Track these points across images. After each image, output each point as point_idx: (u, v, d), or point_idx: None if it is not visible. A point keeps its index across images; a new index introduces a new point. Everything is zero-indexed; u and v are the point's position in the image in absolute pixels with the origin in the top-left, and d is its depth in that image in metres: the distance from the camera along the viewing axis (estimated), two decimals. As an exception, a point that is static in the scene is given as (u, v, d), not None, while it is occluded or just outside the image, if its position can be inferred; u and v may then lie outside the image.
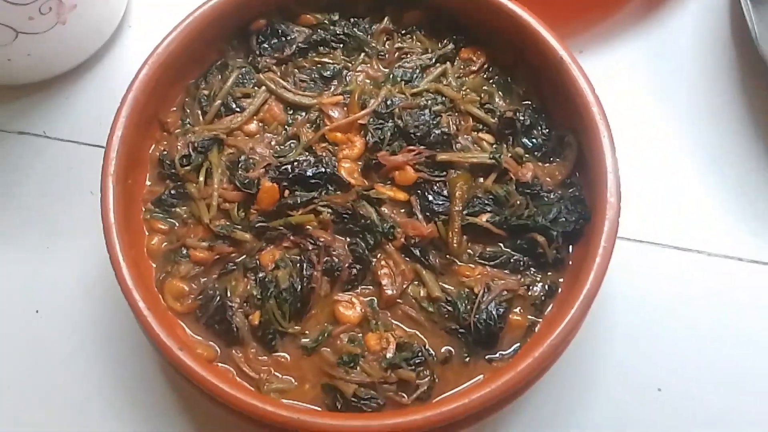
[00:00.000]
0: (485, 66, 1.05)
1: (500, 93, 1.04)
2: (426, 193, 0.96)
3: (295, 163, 0.96)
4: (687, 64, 1.19)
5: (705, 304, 1.06)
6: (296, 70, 1.05)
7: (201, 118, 1.03)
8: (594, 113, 0.93)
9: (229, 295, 0.94)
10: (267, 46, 1.05)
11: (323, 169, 0.96)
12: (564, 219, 0.94)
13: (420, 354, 0.91)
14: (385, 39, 1.07)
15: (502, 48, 1.04)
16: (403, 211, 0.97)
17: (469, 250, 0.96)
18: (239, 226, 0.97)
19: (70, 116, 1.19)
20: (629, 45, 1.20)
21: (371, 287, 0.95)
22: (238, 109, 1.03)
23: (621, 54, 1.20)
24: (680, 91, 1.18)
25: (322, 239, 0.94)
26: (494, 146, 1.00)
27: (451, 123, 1.00)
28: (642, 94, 1.18)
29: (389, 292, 0.93)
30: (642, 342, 1.05)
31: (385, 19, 1.06)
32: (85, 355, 1.06)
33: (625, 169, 0.92)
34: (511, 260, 0.95)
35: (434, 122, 0.98)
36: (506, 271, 0.95)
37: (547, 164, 1.00)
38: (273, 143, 1.01)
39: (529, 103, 1.03)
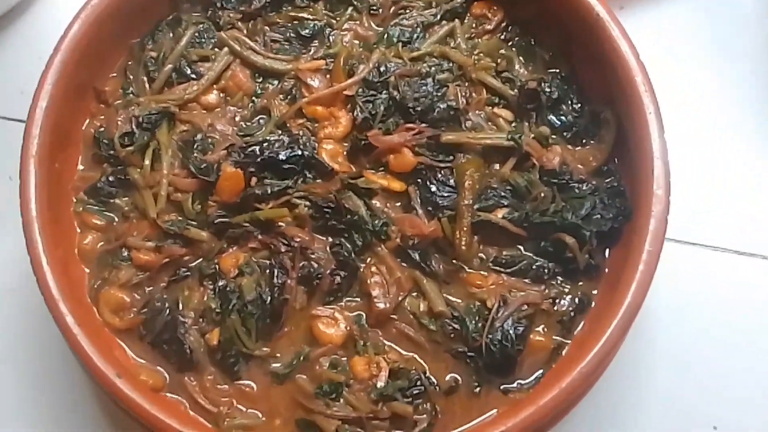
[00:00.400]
0: (503, 24, 1.04)
1: (521, 58, 1.03)
2: (428, 183, 0.95)
3: (265, 144, 0.95)
4: (752, 26, 1.18)
5: (771, 321, 1.06)
6: (267, 27, 1.04)
7: (147, 86, 1.02)
8: (638, 83, 0.92)
9: (181, 308, 0.93)
10: (231, -4, 1.05)
11: (300, 152, 0.95)
12: (599, 216, 0.93)
13: (419, 382, 0.90)
14: (378, -11, 1.06)
15: (524, 1, 1.03)
16: (399, 204, 0.96)
17: (480, 254, 0.95)
18: (194, 222, 0.95)
19: (-16, 83, 1.18)
20: (681, 0, 1.19)
21: (359, 299, 0.94)
22: (193, 76, 1.02)
23: (671, 11, 1.18)
24: (743, 58, 1.16)
25: (297, 239, 0.93)
26: (513, 124, 0.99)
27: (459, 95, 0.99)
28: (696, 61, 1.16)
29: (381, 305, 0.92)
30: (694, 367, 1.04)
31: (379, -36, 1.06)
32: (2, 378, 1.05)
33: (674, 154, 0.91)
34: (533, 267, 0.94)
35: (439, 94, 0.97)
36: (527, 280, 0.94)
37: (579, 147, 0.99)
38: (237, 119, 1.00)
39: (557, 71, 1.02)
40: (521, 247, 0.95)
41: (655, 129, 0.91)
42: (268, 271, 0.92)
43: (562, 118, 0.99)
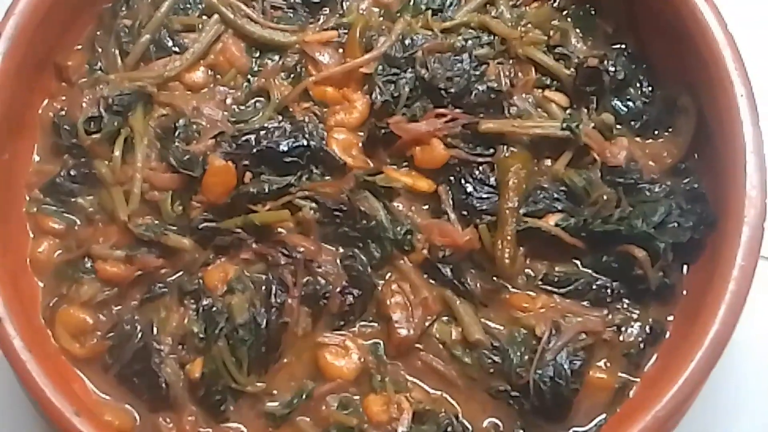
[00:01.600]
0: None
1: (579, 31, 1.02)
2: (462, 181, 0.94)
3: (262, 132, 0.94)
4: None
5: None
6: None
7: (119, 61, 1.01)
8: (725, 60, 0.90)
9: (156, 332, 0.91)
10: (223, -47, 1.04)
11: (305, 142, 0.94)
12: (676, 224, 0.91)
13: (450, 428, 0.88)
14: (403, -56, 1.05)
15: None
16: (426, 207, 0.95)
17: (527, 270, 0.94)
18: (174, 227, 0.94)
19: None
20: None
21: (376, 324, 0.93)
22: (176, 49, 1.01)
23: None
24: None
25: (301, 249, 0.91)
26: (569, 111, 0.98)
27: (502, 75, 0.98)
28: None
29: (403, 332, 0.90)
30: None
31: None
32: None
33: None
34: (594, 287, 0.93)
35: (476, 73, 0.96)
36: (585, 303, 0.93)
37: (650, 140, 0.98)
38: (228, 101, 1.00)
39: (623, 46, 1.01)
40: (578, 262, 0.94)
41: (747, 116, 0.89)
42: (264, 288, 0.91)
43: (630, 103, 0.98)
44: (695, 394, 0.85)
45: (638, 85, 0.98)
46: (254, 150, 0.93)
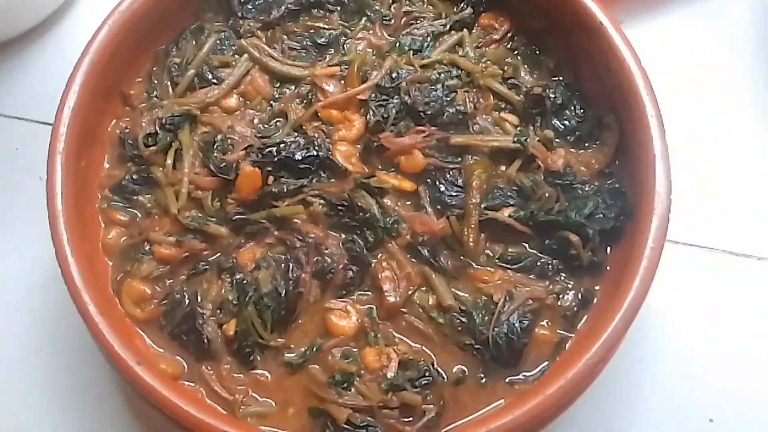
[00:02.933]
0: (509, 34, 1.03)
1: (527, 66, 1.01)
2: (437, 183, 0.94)
3: (282, 145, 0.94)
4: (749, 33, 1.15)
5: (766, 320, 1.02)
6: (285, 35, 1.03)
7: (171, 90, 1.01)
8: (639, 88, 0.90)
9: (199, 300, 0.91)
10: (251, 6, 1.03)
11: (315, 153, 0.94)
12: (602, 215, 0.91)
13: (427, 373, 0.88)
14: (390, 1, 1.04)
15: (530, 13, 1.01)
16: (409, 203, 0.95)
17: (487, 251, 0.93)
18: (213, 219, 0.94)
19: (19, 89, 1.17)
20: (680, 11, 1.17)
21: (370, 293, 0.92)
22: (214, 81, 1.00)
23: (670, 22, 1.16)
24: (742, 65, 1.14)
25: (312, 235, 0.91)
26: (519, 128, 0.97)
27: (467, 100, 0.97)
28: (697, 68, 1.14)
29: (391, 299, 0.90)
30: (691, 363, 1.01)
31: (391, -23, 1.04)
32: (30, 367, 1.03)
33: (674, 157, 0.88)
34: (538, 263, 0.92)
35: (448, 99, 0.96)
36: (532, 276, 0.92)
37: (582, 150, 0.97)
38: (256, 121, 0.99)
39: (561, 78, 1.00)
40: (527, 245, 0.93)
41: (657, 131, 0.88)
42: (283, 265, 0.91)
43: (566, 122, 0.97)
44: (617, 345, 0.85)
45: (573, 108, 0.97)
46: (276, 159, 0.93)
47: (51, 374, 1.04)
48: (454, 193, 0.93)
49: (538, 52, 1.02)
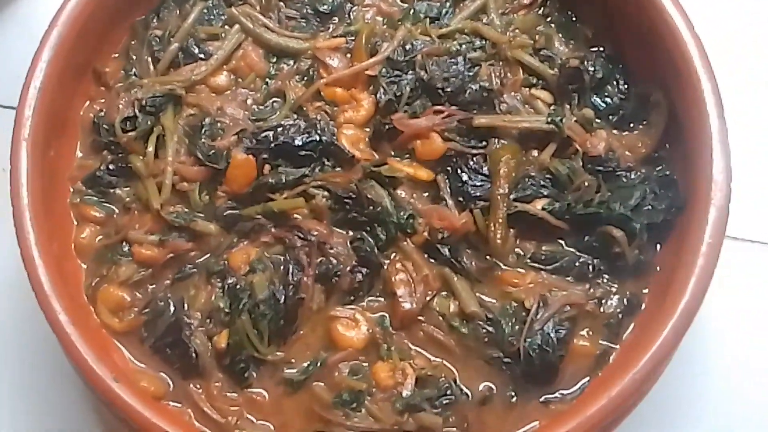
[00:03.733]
0: None
1: (561, 35, 1.00)
2: (458, 171, 0.92)
3: (279, 129, 0.93)
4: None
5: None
6: (282, 3, 1.02)
7: (151, 67, 0.99)
8: (693, 60, 0.88)
9: (186, 308, 0.90)
10: (242, -31, 1.02)
11: (317, 137, 0.92)
12: (650, 206, 0.90)
13: (449, 392, 0.87)
14: (403, -40, 1.03)
15: None
16: (426, 195, 0.94)
17: (517, 250, 0.92)
18: (201, 215, 0.93)
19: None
20: None
21: (382, 299, 0.91)
22: (201, 56, 0.99)
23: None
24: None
25: (314, 233, 0.90)
26: (553, 107, 0.96)
27: (493, 75, 0.96)
28: (760, 34, 1.12)
29: (407, 305, 0.89)
30: (753, 379, 1.00)
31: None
32: None
33: (734, 139, 0.87)
34: (576, 263, 0.91)
35: (470, 74, 0.94)
36: (569, 279, 0.91)
37: (626, 132, 0.96)
38: (249, 102, 0.98)
39: (601, 48, 0.98)
40: (563, 242, 0.93)
41: (713, 109, 0.87)
42: (282, 267, 0.90)
43: (607, 100, 0.96)
44: (668, 359, 0.84)
45: (615, 83, 0.96)
46: (272, 145, 0.92)
47: (16, 391, 1.04)
48: (479, 183, 0.92)
49: (574, 19, 1.01)
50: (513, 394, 0.88)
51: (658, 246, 0.91)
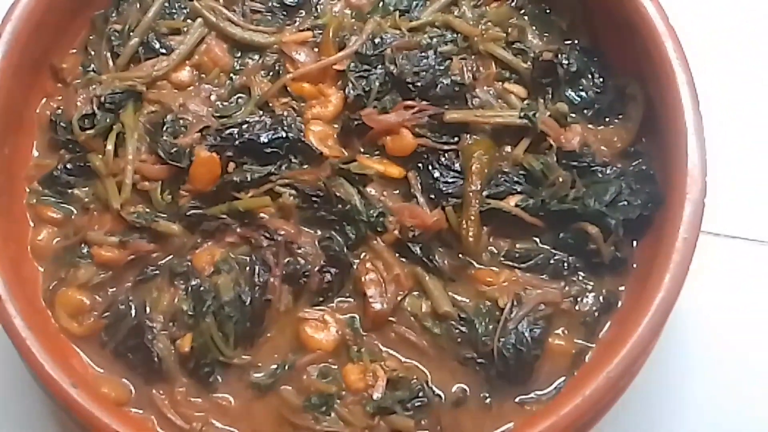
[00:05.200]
0: None
1: (535, 27, 1.04)
2: (430, 167, 0.96)
3: (244, 126, 0.96)
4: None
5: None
6: None
7: (111, 63, 1.03)
8: (668, 50, 0.92)
9: (148, 311, 0.93)
10: (205, -39, 1.06)
11: (284, 134, 0.96)
12: (626, 202, 0.94)
13: (421, 393, 0.90)
14: (373, -48, 1.07)
15: None
16: (397, 192, 0.97)
17: (491, 247, 0.96)
18: (164, 215, 0.96)
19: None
20: None
21: (352, 300, 0.94)
22: (163, 51, 1.03)
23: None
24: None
25: (282, 232, 0.94)
26: (526, 101, 1.00)
27: (465, 69, 1.00)
28: (735, 26, 1.15)
29: (378, 306, 0.92)
30: (733, 375, 1.03)
31: (373, -77, 1.07)
32: None
33: (710, 132, 0.91)
34: (551, 261, 0.95)
35: (441, 68, 0.98)
36: (544, 277, 0.95)
37: (602, 126, 1.00)
38: (213, 98, 1.01)
39: (576, 41, 1.02)
40: (537, 239, 0.96)
41: (689, 102, 0.91)
42: (248, 268, 0.93)
43: (582, 93, 1.00)
44: (644, 357, 0.88)
45: (590, 76, 1.00)
46: (237, 142, 0.95)
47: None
48: (451, 180, 0.95)
49: (548, 11, 1.04)
50: (487, 395, 0.91)
51: (635, 242, 0.95)
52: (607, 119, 1.00)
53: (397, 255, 0.95)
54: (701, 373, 1.04)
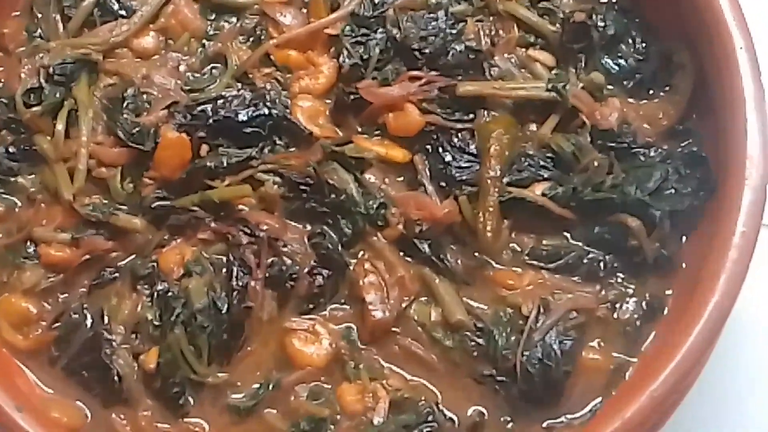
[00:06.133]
0: None
1: None
2: (440, 150, 0.95)
3: (220, 102, 0.95)
4: None
5: None
6: None
7: (61, 27, 1.02)
8: (724, 11, 0.91)
9: (106, 321, 0.92)
10: None
11: (266, 111, 0.95)
12: (673, 190, 0.93)
13: (431, 417, 0.89)
14: None
15: None
16: (401, 179, 0.97)
17: (512, 245, 0.95)
18: (124, 207, 0.95)
19: None
20: None
21: (348, 307, 0.94)
22: (122, 13, 1.02)
23: None
24: None
25: (264, 227, 0.93)
26: (555, 71, 0.99)
27: (482, 33, 0.99)
28: None
29: (378, 314, 0.91)
30: None
31: None
32: None
33: None
34: (584, 260, 0.94)
35: (453, 32, 0.97)
36: (576, 279, 0.94)
37: (645, 100, 0.99)
38: (182, 69, 1.01)
39: None
40: (568, 235, 0.95)
41: (747, 71, 0.90)
42: (224, 270, 0.92)
43: (621, 61, 0.99)
44: (695, 372, 0.86)
45: (630, 40, 0.99)
46: (211, 120, 0.94)
47: None
48: (465, 164, 0.94)
49: None
50: (509, 419, 0.90)
51: (683, 238, 0.94)
52: (650, 92, 0.99)
53: (401, 254, 0.94)
54: (762, 390, 1.04)
